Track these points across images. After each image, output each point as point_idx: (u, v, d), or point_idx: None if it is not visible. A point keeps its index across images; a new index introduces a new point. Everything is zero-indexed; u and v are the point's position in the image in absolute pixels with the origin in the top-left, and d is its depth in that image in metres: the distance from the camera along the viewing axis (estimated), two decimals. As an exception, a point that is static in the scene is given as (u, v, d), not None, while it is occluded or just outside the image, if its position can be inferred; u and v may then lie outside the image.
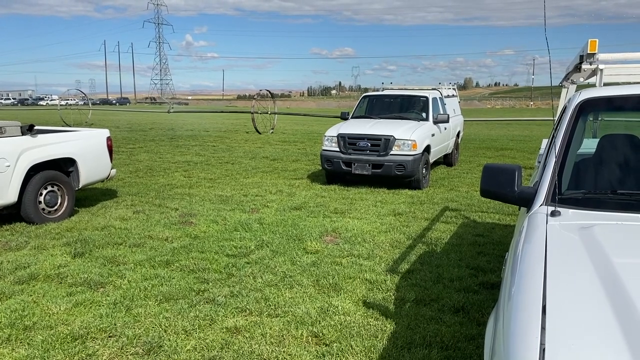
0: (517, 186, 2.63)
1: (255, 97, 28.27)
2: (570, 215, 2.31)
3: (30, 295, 4.55)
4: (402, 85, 13.84)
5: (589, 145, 3.80)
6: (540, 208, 2.44)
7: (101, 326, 3.96)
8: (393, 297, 4.63)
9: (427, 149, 10.06)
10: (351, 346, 3.68)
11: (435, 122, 10.77)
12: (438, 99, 11.81)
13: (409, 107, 11.47)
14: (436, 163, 12.29)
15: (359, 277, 5.05)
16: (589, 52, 3.30)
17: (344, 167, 9.75)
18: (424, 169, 9.89)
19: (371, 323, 4.06)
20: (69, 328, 3.93)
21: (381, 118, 10.85)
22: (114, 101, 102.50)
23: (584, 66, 3.77)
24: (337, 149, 9.85)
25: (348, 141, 9.79)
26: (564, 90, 5.30)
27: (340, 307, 4.33)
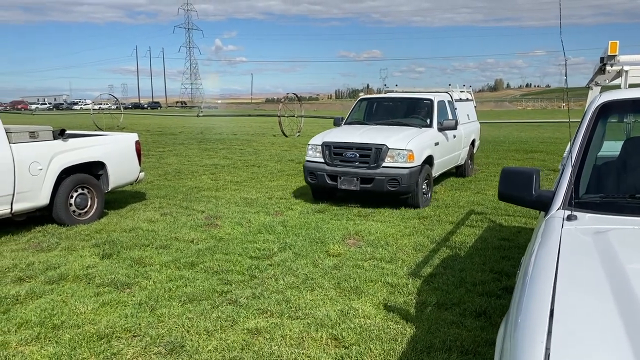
0: (534, 190, 2.61)
1: (283, 100, 28.45)
2: (587, 220, 2.28)
3: (60, 295, 4.69)
4: (410, 87, 12.35)
5: (615, 148, 3.73)
6: (557, 212, 2.41)
7: (126, 326, 4.06)
8: (414, 300, 4.61)
9: (429, 160, 8.62)
10: (370, 349, 3.69)
11: (441, 129, 9.31)
12: (446, 102, 10.27)
13: (410, 111, 10.06)
14: (447, 174, 10.91)
15: (381, 281, 5.05)
16: (609, 54, 3.25)
17: (328, 181, 8.28)
18: (425, 184, 8.43)
19: (391, 326, 4.06)
20: (95, 327, 4.03)
21: (378, 124, 9.49)
22: (145, 105, 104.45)
23: (609, 68, 3.71)
24: (322, 160, 8.42)
25: (334, 151, 8.35)
26: (590, 92, 5.21)
27: (360, 310, 4.34)
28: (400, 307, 4.45)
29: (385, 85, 12.73)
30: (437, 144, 9.00)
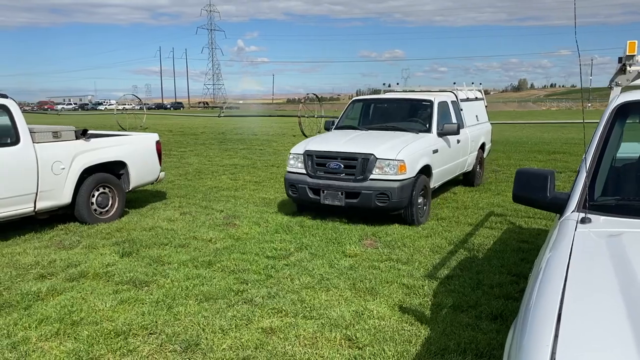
0: (549, 191, 2.58)
1: (303, 100, 28.52)
2: (601, 223, 2.24)
3: (79, 292, 4.78)
4: (415, 86, 11.16)
5: (634, 150, 3.66)
6: (572, 214, 2.38)
7: (143, 323, 4.12)
8: (430, 302, 4.59)
9: (426, 170, 7.63)
10: (384, 350, 3.68)
11: (442, 134, 8.24)
12: (449, 103, 9.13)
13: (408, 114, 9.07)
14: (453, 182, 9.99)
15: (396, 282, 5.03)
16: (627, 54, 3.19)
17: (310, 195, 7.36)
18: (422, 198, 7.42)
19: (406, 328, 4.05)
20: (113, 324, 4.10)
21: (370, 129, 8.54)
22: (168, 106, 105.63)
23: (629, 68, 3.64)
24: (304, 171, 7.52)
25: (316, 161, 7.42)
26: (611, 92, 5.12)
27: (375, 311, 4.33)
28: (416, 309, 4.43)
29: (384, 84, 11.51)
30: (435, 151, 7.95)
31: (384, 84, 11.42)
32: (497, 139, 21.29)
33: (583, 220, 2.24)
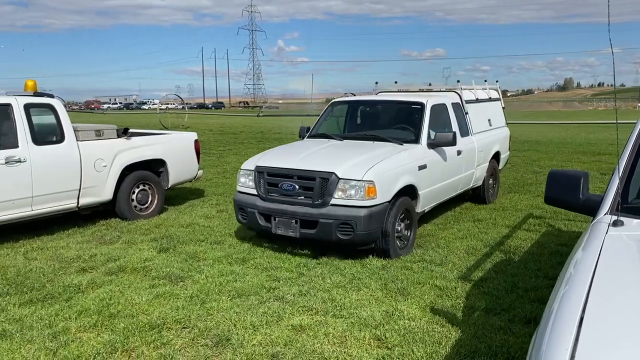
0: (582, 193, 2.52)
1: (341, 100, 28.45)
2: (634, 226, 2.18)
3: (118, 286, 4.94)
4: (413, 85, 9.49)
5: None
6: (604, 217, 2.32)
7: (177, 317, 4.22)
8: (462, 304, 4.53)
9: (409, 191, 6.07)
10: (413, 351, 3.66)
11: (433, 145, 6.59)
12: (448, 106, 7.45)
13: (393, 120, 7.45)
14: (461, 199, 8.41)
15: (429, 283, 4.99)
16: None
17: (261, 223, 5.95)
18: (404, 227, 5.96)
19: (436, 329, 4.02)
20: (148, 318, 4.22)
21: (347, 139, 7.01)
22: (209, 105, 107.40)
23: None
24: (255, 192, 6.10)
25: (268, 180, 5.98)
26: None
27: (405, 312, 4.31)
28: (447, 311, 4.39)
29: (376, 82, 9.72)
30: (423, 167, 6.27)
31: (376, 82, 9.63)
32: (540, 139, 20.78)
33: (615, 223, 2.18)
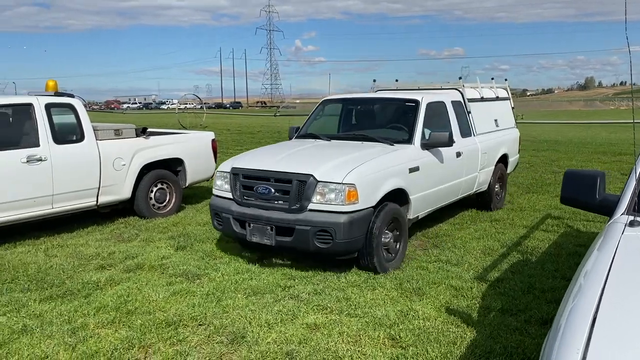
0: (598, 193, 2.50)
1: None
2: (651, 226, 2.15)
3: (135, 283, 5.01)
4: (411, 83, 8.83)
5: None
6: (620, 217, 2.30)
7: (193, 315, 4.27)
8: (478, 305, 4.51)
9: (398, 196, 5.60)
10: (427, 351, 3.66)
11: (427, 146, 6.13)
12: (447, 104, 6.97)
13: (386, 119, 7.10)
14: (466, 205, 8.12)
15: (444, 283, 4.97)
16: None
17: (236, 229, 5.52)
18: (392, 237, 5.48)
19: (451, 330, 4.00)
20: (164, 314, 4.28)
21: (335, 139, 6.59)
22: (227, 105, 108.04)
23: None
24: (230, 195, 5.68)
25: (243, 182, 5.56)
26: None
27: (420, 312, 4.30)
28: (463, 311, 4.37)
29: (374, 80, 9.13)
30: (415, 169, 5.78)
31: (374, 80, 9.08)
32: (559, 139, 20.54)
33: (632, 223, 2.16)
